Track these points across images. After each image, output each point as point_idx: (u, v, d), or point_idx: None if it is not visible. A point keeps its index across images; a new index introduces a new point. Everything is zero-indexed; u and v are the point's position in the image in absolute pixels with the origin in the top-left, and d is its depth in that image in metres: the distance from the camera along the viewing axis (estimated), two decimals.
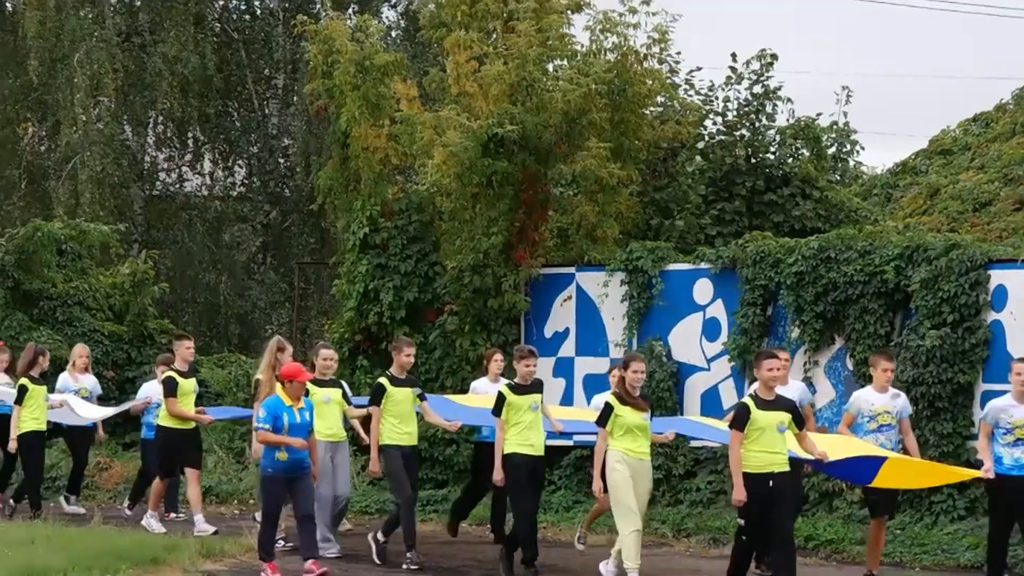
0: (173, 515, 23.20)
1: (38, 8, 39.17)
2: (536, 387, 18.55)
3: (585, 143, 26.30)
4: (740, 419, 16.08)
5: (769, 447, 16.04)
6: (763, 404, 16.16)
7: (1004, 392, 19.59)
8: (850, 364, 23.16)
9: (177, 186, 44.77)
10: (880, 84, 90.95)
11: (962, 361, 21.87)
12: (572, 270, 26.56)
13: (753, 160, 28.41)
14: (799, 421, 16.50)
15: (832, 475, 18.36)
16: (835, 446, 17.35)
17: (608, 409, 17.14)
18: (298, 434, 17.34)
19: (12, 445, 23.34)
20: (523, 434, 18.17)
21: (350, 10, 37.12)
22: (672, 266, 25.42)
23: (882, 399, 18.27)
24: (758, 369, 16.43)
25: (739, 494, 15.89)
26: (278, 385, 18.12)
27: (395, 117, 28.21)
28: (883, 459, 17.21)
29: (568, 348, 25.95)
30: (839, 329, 23.40)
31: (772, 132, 28.79)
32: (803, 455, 16.80)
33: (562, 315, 26.53)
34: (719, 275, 24.86)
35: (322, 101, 29.93)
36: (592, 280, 26.19)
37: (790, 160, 28.61)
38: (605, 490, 17.30)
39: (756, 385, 16.73)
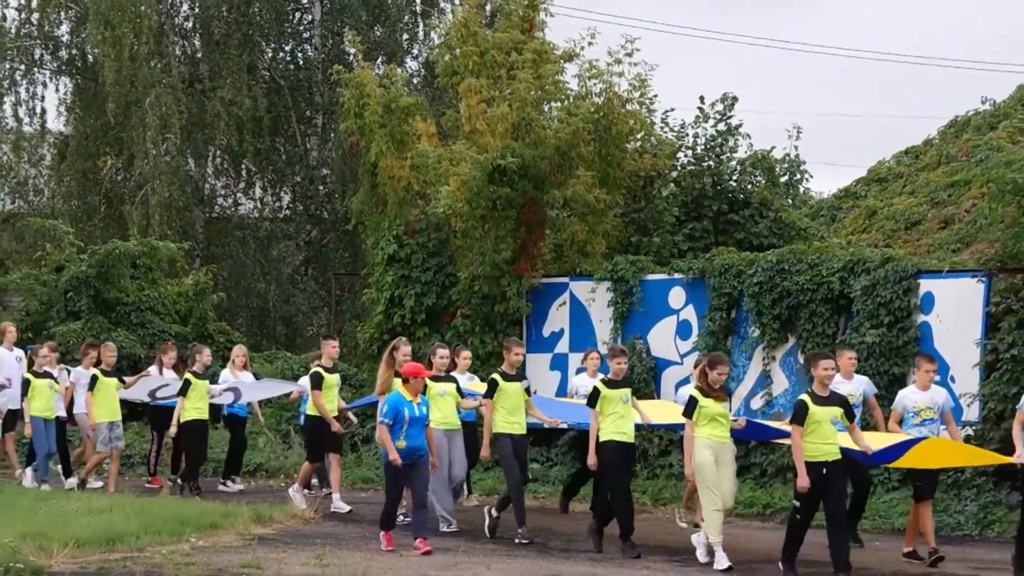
0: (325, 490, 22.62)
1: (115, 59, 39.10)
2: (626, 382, 18.13)
3: (575, 172, 26.35)
4: (799, 415, 15.78)
5: (823, 439, 15.73)
6: (819, 400, 15.82)
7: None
8: (801, 359, 23.12)
9: (232, 209, 44.68)
10: (829, 122, 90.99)
11: (896, 356, 21.87)
12: (566, 280, 26.54)
13: (718, 186, 28.38)
14: (850, 414, 16.16)
15: (868, 462, 17.84)
16: (878, 440, 16.94)
17: (693, 401, 16.77)
18: (417, 427, 17.11)
19: (172, 430, 22.97)
20: (616, 423, 17.76)
21: (378, 60, 37.01)
22: (650, 276, 25.40)
23: (924, 396, 17.72)
24: (815, 368, 16.10)
25: (803, 481, 15.58)
26: (398, 381, 17.85)
27: (416, 151, 28.19)
28: (916, 441, 16.67)
29: (563, 345, 25.92)
30: (792, 329, 23.37)
31: (734, 163, 28.76)
32: (852, 447, 16.33)
33: (557, 318, 26.50)
34: (690, 284, 24.82)
35: (354, 137, 29.94)
36: (583, 288, 26.17)
37: (749, 186, 28.58)
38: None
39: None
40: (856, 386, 18.42)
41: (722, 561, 16.44)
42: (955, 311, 21.49)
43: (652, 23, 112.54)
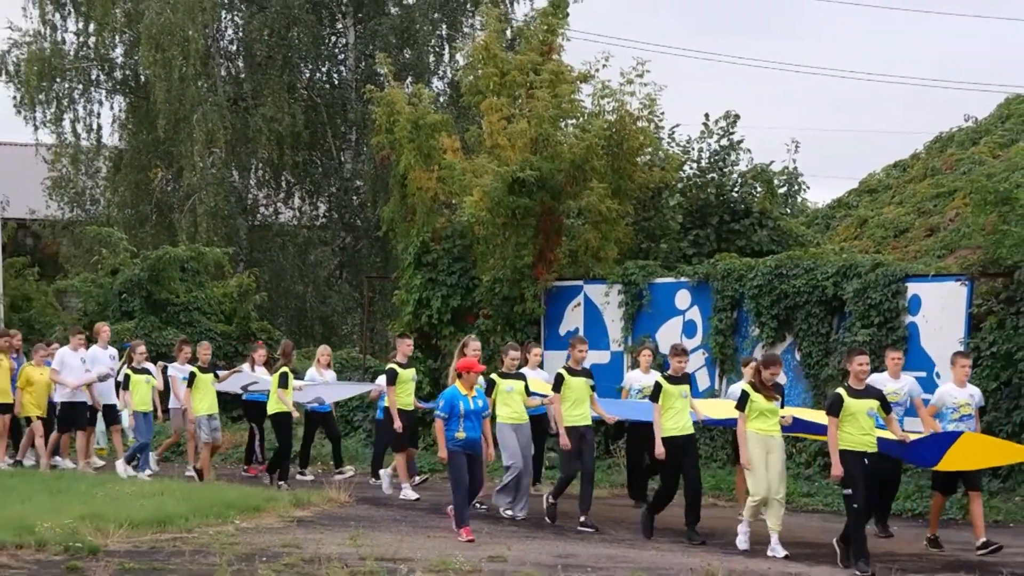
0: (418, 479, 22.38)
1: (165, 80, 39.18)
2: (685, 379, 17.90)
3: (589, 184, 26.31)
4: (834, 407, 15.64)
5: (860, 430, 15.52)
6: (854, 393, 15.64)
7: (918, 376, 19.54)
8: (798, 356, 23.11)
9: (273, 218, 44.74)
10: (823, 138, 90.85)
11: (885, 353, 21.80)
12: (580, 283, 26.53)
13: (721, 197, 28.29)
14: (887, 407, 15.92)
15: (905, 458, 17.62)
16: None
17: (744, 396, 16.60)
18: (472, 419, 16.86)
19: (296, 416, 22.72)
20: (675, 418, 17.55)
21: (407, 80, 37.06)
22: (658, 280, 25.41)
23: (963, 393, 17.45)
24: (850, 363, 15.95)
25: (836, 470, 15.45)
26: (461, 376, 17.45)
27: (442, 164, 28.19)
28: (953, 439, 16.37)
29: None
30: (790, 329, 23.36)
31: (736, 175, 28.66)
32: (888, 437, 16.09)
33: (572, 318, 26.50)
34: (695, 287, 24.82)
35: (385, 151, 29.92)
36: (596, 291, 26.17)
37: (750, 197, 28.49)
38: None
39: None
40: (901, 385, 18.22)
41: (743, 543, 16.42)
42: (940, 312, 21.47)
43: (661, 47, 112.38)
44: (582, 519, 18.30)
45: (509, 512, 19.14)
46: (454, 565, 14.06)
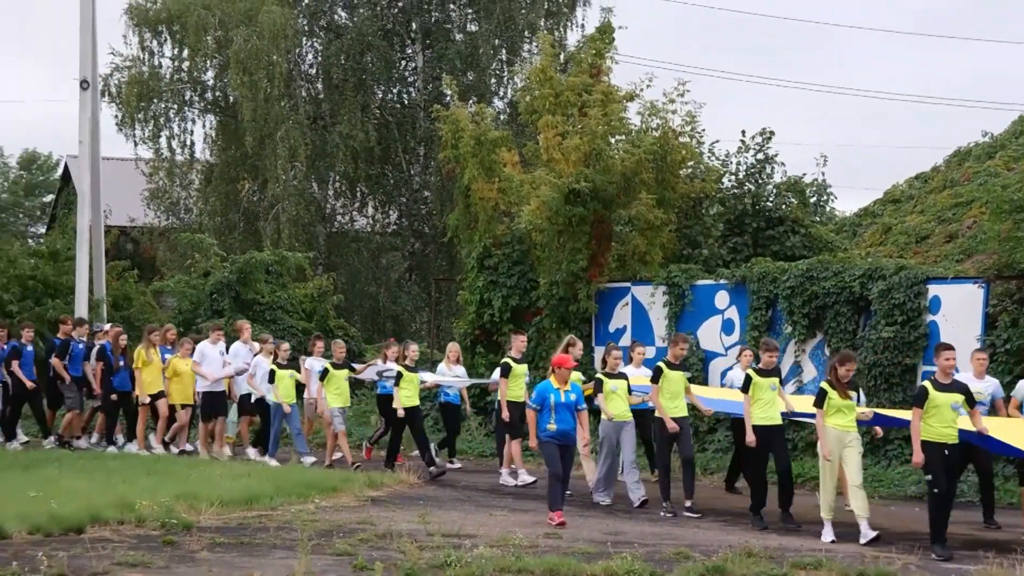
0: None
1: (252, 100, 39.39)
2: (775, 372, 17.52)
3: (637, 195, 26.30)
4: (920, 399, 15.22)
5: (943, 422, 15.07)
6: (939, 387, 15.16)
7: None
8: (827, 351, 22.99)
9: (349, 225, 44.87)
10: (851, 152, 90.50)
11: (908, 349, 21.70)
12: (628, 285, 26.50)
13: (757, 207, 28.23)
14: (971, 401, 15.41)
15: (992, 449, 17.16)
16: (1003, 428, 16.13)
17: (822, 393, 16.09)
18: (563, 411, 16.47)
19: (400, 412, 21.98)
20: (764, 409, 17.19)
21: (470, 100, 37.09)
22: (699, 282, 25.33)
23: (979, 384, 17.08)
24: (937, 358, 15.48)
25: (918, 457, 15.06)
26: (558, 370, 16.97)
27: (502, 176, 28.23)
28: None
29: (625, 339, 25.82)
30: (820, 326, 23.24)
31: (770, 187, 28.57)
32: (970, 428, 15.57)
33: (621, 316, 26.47)
34: (733, 288, 24.74)
35: (451, 165, 30.05)
36: (643, 292, 26.13)
37: (783, 207, 28.38)
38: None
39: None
40: (985, 386, 17.56)
41: (828, 534, 15.82)
42: (959, 312, 21.31)
43: (701, 69, 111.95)
44: (688, 504, 17.89)
45: (597, 498, 18.87)
46: (514, 541, 14.05)
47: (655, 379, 18.45)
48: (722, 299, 25.01)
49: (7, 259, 35.87)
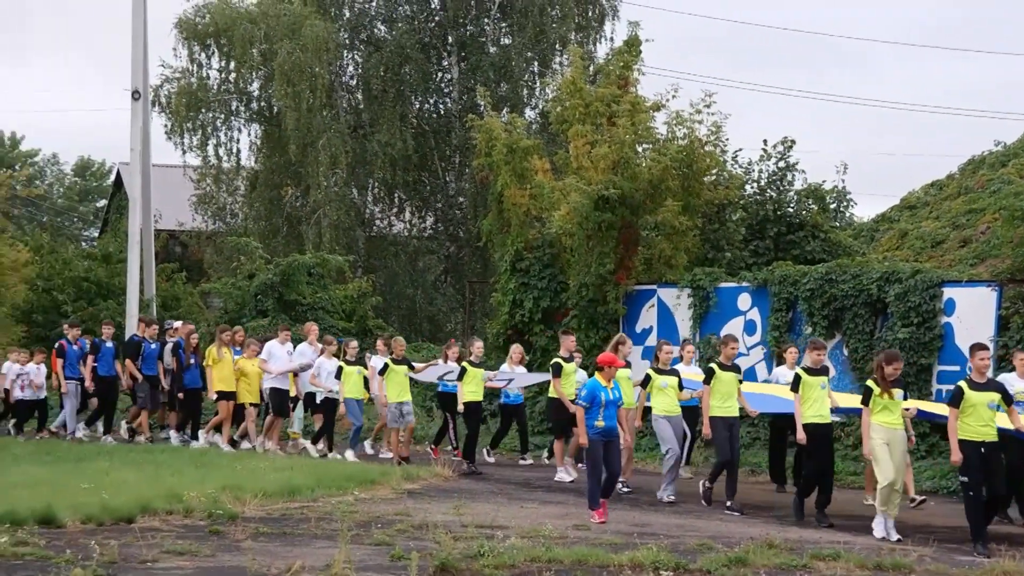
0: (581, 465, 22.05)
1: (295, 110, 39.54)
2: (824, 371, 17.25)
3: (664, 201, 26.27)
4: (956, 398, 14.85)
5: (980, 421, 14.70)
6: (975, 386, 14.81)
7: (952, 371, 19.33)
8: (845, 351, 22.93)
9: (387, 229, 44.91)
10: (869, 160, 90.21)
11: (924, 350, 21.63)
12: (654, 287, 26.48)
13: (778, 212, 28.17)
14: (1008, 399, 15.11)
15: None
16: None
17: (869, 391, 15.70)
18: (611, 409, 16.11)
19: (460, 408, 22.15)
20: (814, 407, 16.83)
21: (503, 111, 37.14)
22: (723, 284, 25.31)
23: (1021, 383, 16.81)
24: (972, 358, 15.22)
25: (956, 456, 14.77)
26: (607, 369, 16.52)
27: (534, 183, 28.24)
28: None
29: (651, 340, 25.82)
30: (838, 328, 23.18)
31: (791, 193, 28.53)
32: (1010, 427, 15.33)
33: (647, 317, 26.45)
34: (755, 291, 24.69)
35: (484, 172, 30.12)
36: (668, 294, 26.11)
37: (804, 212, 28.33)
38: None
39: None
40: None
41: (892, 533, 15.34)
42: (972, 314, 21.24)
43: (725, 80, 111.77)
44: (728, 503, 17.58)
45: (661, 495, 18.53)
46: (544, 532, 14.03)
47: (707, 380, 18.12)
48: (745, 301, 24.95)
49: (62, 261, 36.17)
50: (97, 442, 24.26)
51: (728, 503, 17.53)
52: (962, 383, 15.07)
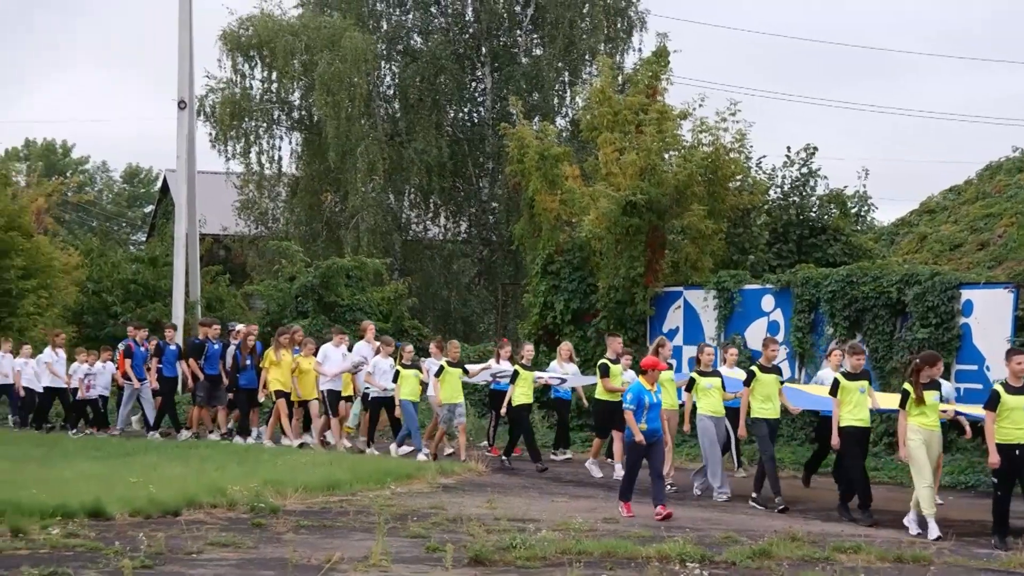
0: (610, 460, 22.05)
1: (335, 119, 39.68)
2: (863, 375, 16.83)
3: (690, 206, 26.18)
4: (992, 402, 14.48)
5: (1015, 424, 14.33)
6: (1012, 390, 14.42)
7: (970, 370, 19.22)
8: (866, 351, 22.78)
9: (423, 234, 45.02)
10: (890, 166, 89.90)
11: (942, 350, 21.37)
12: (681, 289, 26.40)
13: (801, 217, 28.08)
14: None
15: None
16: None
17: (905, 394, 15.34)
18: (654, 411, 15.96)
19: (503, 410, 22.05)
20: (853, 411, 16.45)
21: (535, 119, 37.13)
22: (747, 286, 25.20)
23: None
24: (1009, 363, 14.81)
25: (993, 458, 14.47)
26: (645, 373, 16.26)
27: (564, 189, 28.24)
28: None
29: (678, 340, 25.80)
30: (859, 328, 23.05)
31: (814, 198, 28.42)
32: None
33: (674, 318, 26.39)
34: (779, 292, 24.59)
35: (517, 178, 30.14)
36: (695, 296, 26.03)
37: (826, 217, 28.24)
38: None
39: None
40: None
41: (933, 531, 14.86)
42: (990, 315, 21.10)
43: (750, 89, 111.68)
44: (753, 495, 17.58)
45: (717, 496, 18.27)
46: (574, 525, 14.04)
47: (747, 382, 17.94)
48: (768, 302, 24.87)
49: (111, 264, 36.39)
50: (170, 439, 24.37)
51: (775, 499, 17.29)
52: (998, 386, 14.77)
